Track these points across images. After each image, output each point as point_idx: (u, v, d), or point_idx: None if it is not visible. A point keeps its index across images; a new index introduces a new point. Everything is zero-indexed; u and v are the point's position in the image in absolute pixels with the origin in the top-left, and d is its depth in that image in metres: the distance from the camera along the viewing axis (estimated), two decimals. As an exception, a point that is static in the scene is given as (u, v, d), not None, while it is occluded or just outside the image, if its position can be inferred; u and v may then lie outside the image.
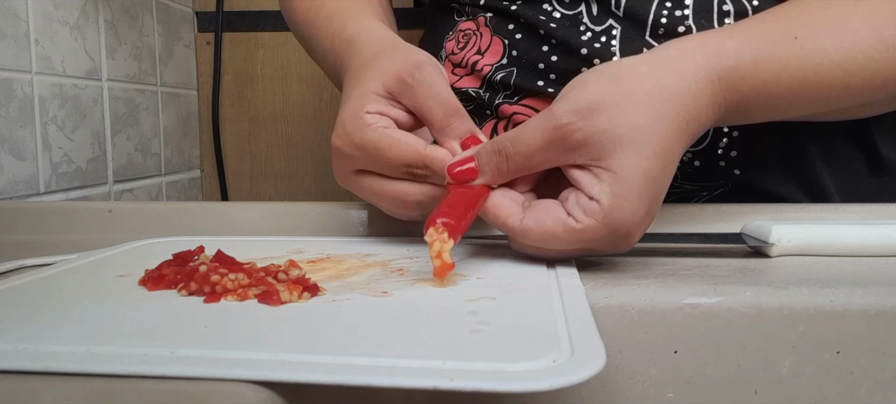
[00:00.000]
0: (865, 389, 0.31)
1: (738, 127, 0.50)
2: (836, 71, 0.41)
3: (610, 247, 0.36)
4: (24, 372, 0.23)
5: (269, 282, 0.31)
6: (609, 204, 0.34)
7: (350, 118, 0.41)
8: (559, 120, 0.35)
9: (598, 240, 0.35)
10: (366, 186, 0.42)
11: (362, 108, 0.41)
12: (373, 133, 0.40)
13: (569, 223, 0.35)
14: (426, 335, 0.26)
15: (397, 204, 0.41)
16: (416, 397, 0.26)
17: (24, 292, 0.33)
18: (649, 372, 0.32)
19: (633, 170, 0.34)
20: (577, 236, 0.35)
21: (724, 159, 0.51)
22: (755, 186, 0.52)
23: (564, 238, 0.35)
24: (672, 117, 0.36)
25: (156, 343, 0.25)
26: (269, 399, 0.22)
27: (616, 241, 0.35)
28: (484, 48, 0.55)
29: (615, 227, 0.34)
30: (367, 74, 0.43)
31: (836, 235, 0.40)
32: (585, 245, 0.35)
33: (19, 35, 0.64)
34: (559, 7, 0.52)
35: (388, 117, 0.41)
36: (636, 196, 0.34)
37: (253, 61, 1.01)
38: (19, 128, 0.64)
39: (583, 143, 0.34)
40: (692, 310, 0.31)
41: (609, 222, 0.34)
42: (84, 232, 0.51)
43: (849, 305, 0.31)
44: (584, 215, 0.34)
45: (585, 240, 0.35)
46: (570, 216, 0.35)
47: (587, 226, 0.34)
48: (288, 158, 1.03)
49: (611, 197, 0.34)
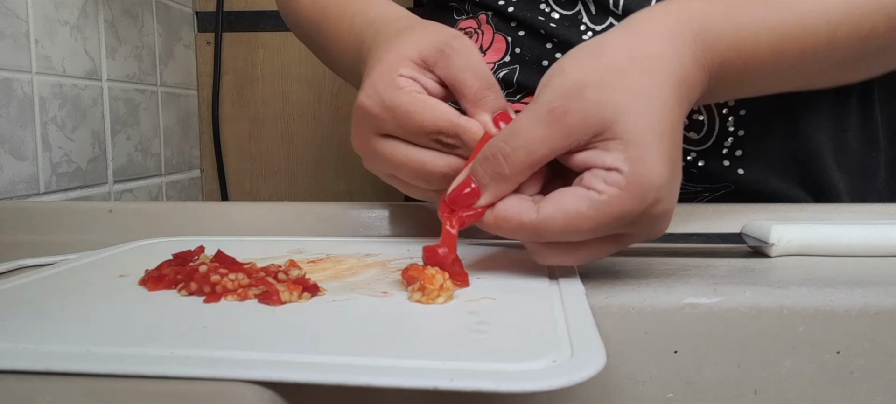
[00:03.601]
0: (865, 389, 0.31)
1: (744, 125, 0.50)
2: (819, 22, 0.39)
3: (645, 226, 0.33)
4: (24, 372, 0.23)
5: (269, 282, 0.31)
6: (630, 168, 0.31)
7: (382, 78, 0.39)
8: (550, 104, 0.32)
9: (629, 213, 0.31)
10: (388, 152, 0.39)
11: (396, 70, 0.39)
12: (405, 95, 0.38)
13: (592, 196, 0.31)
14: (426, 335, 0.26)
15: (420, 175, 0.39)
16: (416, 397, 0.26)
17: (24, 292, 0.33)
18: (649, 372, 0.32)
19: (642, 130, 0.32)
20: (606, 211, 0.31)
21: (729, 158, 0.51)
22: (758, 189, 0.52)
23: (591, 216, 0.31)
24: (664, 78, 0.34)
25: (156, 343, 0.25)
26: (269, 399, 0.22)
27: (650, 215, 0.32)
28: (486, 46, 0.55)
29: (643, 193, 0.31)
30: (401, 41, 0.41)
31: (836, 235, 0.40)
32: (617, 224, 0.32)
33: (19, 35, 0.64)
34: (556, 7, 0.52)
35: (419, 84, 0.39)
36: (655, 155, 0.32)
37: (253, 61, 1.01)
38: (19, 128, 0.64)
39: (581, 122, 0.32)
40: (692, 310, 0.31)
41: (635, 188, 0.31)
42: (84, 232, 0.51)
43: (849, 305, 0.31)
44: (607, 184, 0.31)
45: (615, 216, 0.31)
46: (590, 189, 0.32)
47: (613, 196, 0.31)
48: (288, 158, 1.03)
49: (629, 161, 0.31)
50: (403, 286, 0.33)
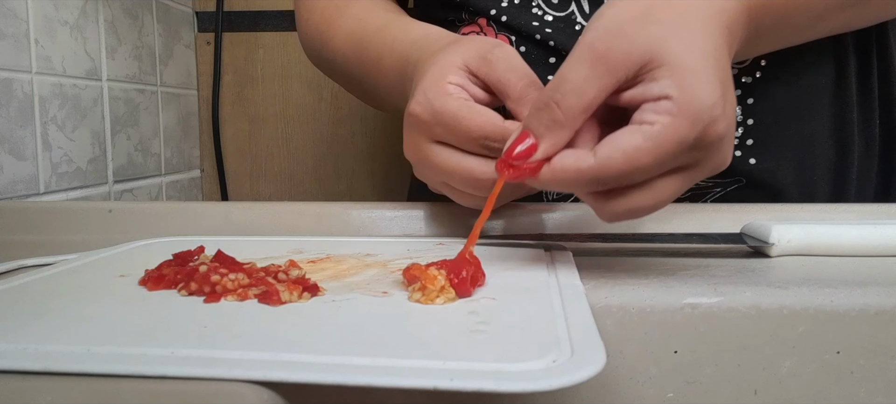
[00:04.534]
0: (865, 389, 0.31)
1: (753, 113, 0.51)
2: None
3: (707, 152, 0.32)
4: (24, 372, 0.23)
5: (269, 282, 0.31)
6: (679, 93, 0.31)
7: (431, 85, 0.40)
8: (592, 43, 0.32)
9: (686, 138, 0.31)
10: (439, 159, 0.40)
11: (445, 78, 0.40)
12: (454, 102, 0.39)
13: (645, 129, 0.31)
14: (426, 335, 0.26)
15: (470, 182, 0.39)
16: (416, 397, 0.26)
17: (24, 292, 0.33)
18: (649, 372, 0.32)
19: (687, 54, 0.31)
20: (663, 140, 0.31)
21: (741, 147, 0.51)
22: (770, 181, 0.52)
23: (649, 148, 0.31)
24: (708, 14, 0.33)
25: (156, 343, 0.25)
26: (269, 399, 0.22)
27: (709, 139, 0.31)
28: None
29: (696, 114, 0.31)
30: (447, 53, 0.42)
31: (836, 235, 0.40)
32: (677, 153, 0.31)
33: (19, 35, 0.64)
34: (549, 9, 0.52)
35: (466, 92, 0.40)
36: (703, 75, 0.31)
37: (253, 61, 1.01)
38: (19, 128, 0.64)
39: (625, 56, 0.32)
40: (692, 310, 0.31)
41: (687, 110, 0.31)
42: (84, 232, 0.51)
43: (849, 305, 0.31)
44: (658, 113, 0.31)
45: (674, 144, 0.31)
46: (643, 124, 0.31)
47: (666, 124, 0.31)
48: (288, 158, 1.03)
49: (677, 86, 0.31)
50: (404, 286, 0.33)
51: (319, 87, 1.01)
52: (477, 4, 0.55)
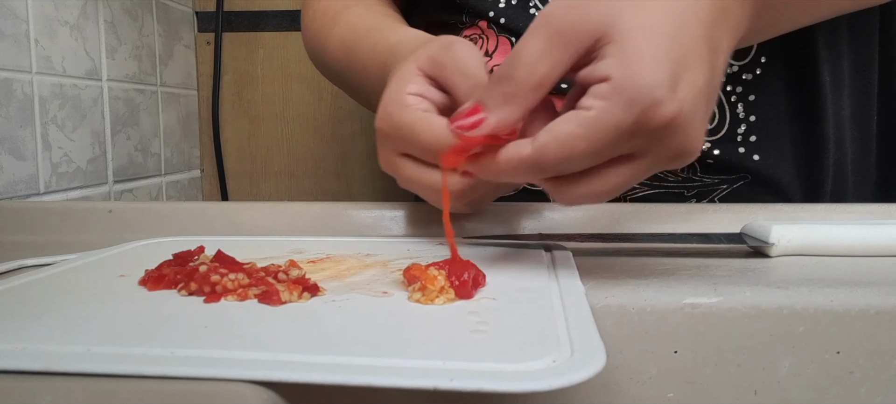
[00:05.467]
0: (865, 389, 0.31)
1: (755, 110, 0.50)
2: None
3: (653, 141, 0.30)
4: (24, 372, 0.23)
5: (269, 282, 0.31)
6: (618, 72, 0.29)
7: (391, 97, 0.39)
8: (549, 15, 0.30)
9: (622, 124, 0.29)
10: (406, 173, 0.39)
11: (403, 89, 0.39)
12: (411, 114, 0.38)
13: (580, 115, 0.29)
14: (426, 335, 0.26)
15: (435, 196, 0.39)
16: (416, 397, 0.26)
17: (24, 292, 0.33)
18: (649, 372, 0.32)
19: (638, 30, 0.29)
20: (596, 127, 0.29)
21: (744, 145, 0.51)
22: (774, 178, 0.52)
23: (583, 135, 0.29)
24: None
25: (156, 343, 0.25)
26: (269, 399, 0.22)
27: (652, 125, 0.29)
28: (492, 49, 0.55)
29: (632, 97, 0.29)
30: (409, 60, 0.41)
31: (836, 235, 0.40)
32: (615, 140, 0.29)
33: (19, 35, 0.64)
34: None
35: (428, 101, 0.39)
36: (648, 53, 0.29)
37: (253, 61, 1.01)
38: (19, 128, 0.64)
39: (579, 28, 0.30)
40: (692, 310, 0.31)
41: (622, 93, 0.29)
42: (84, 232, 0.51)
43: (849, 305, 0.31)
44: (596, 98, 0.29)
45: (609, 131, 0.29)
46: (580, 108, 0.30)
47: (600, 109, 0.29)
48: (288, 158, 1.03)
49: (619, 65, 0.29)
50: (404, 286, 0.33)
51: (319, 87, 1.01)
52: (476, 6, 0.55)
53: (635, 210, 0.48)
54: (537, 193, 0.56)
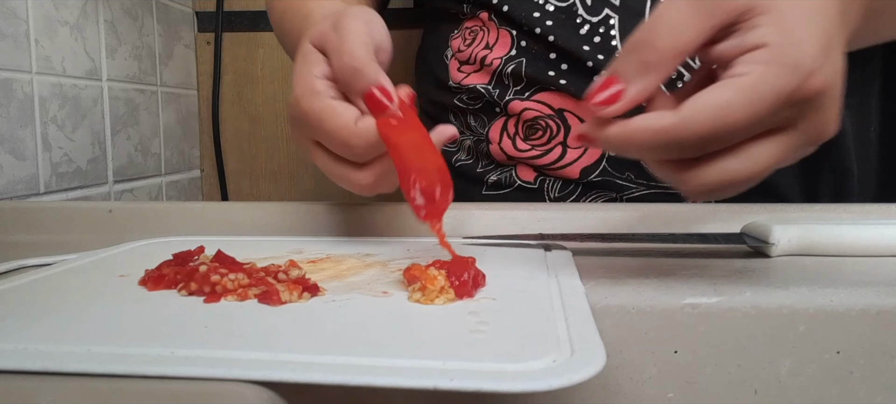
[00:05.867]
0: (865, 389, 0.31)
1: None
2: None
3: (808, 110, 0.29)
4: (24, 372, 0.23)
5: (269, 282, 0.31)
6: (778, 39, 0.28)
7: (299, 80, 0.37)
8: None
9: (783, 89, 0.27)
10: (317, 161, 0.38)
11: (311, 71, 0.37)
12: (319, 102, 0.36)
13: (736, 81, 0.28)
14: (426, 335, 0.26)
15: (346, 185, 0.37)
16: (416, 397, 0.26)
17: (24, 292, 0.33)
18: (649, 372, 0.32)
19: (787, 4, 0.28)
20: (756, 91, 0.27)
21: None
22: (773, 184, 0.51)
23: (741, 101, 0.27)
24: None
25: (156, 343, 0.25)
26: (269, 399, 0.22)
27: (810, 93, 0.28)
28: (492, 42, 0.55)
29: (795, 61, 0.27)
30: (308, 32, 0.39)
31: (836, 235, 0.40)
32: (774, 106, 0.28)
33: (19, 35, 0.64)
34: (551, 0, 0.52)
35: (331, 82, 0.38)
36: (807, 25, 0.28)
37: (253, 61, 1.01)
38: (19, 128, 0.64)
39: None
40: (692, 310, 0.31)
41: (784, 57, 0.27)
42: (84, 232, 0.51)
43: (849, 305, 0.31)
44: (752, 63, 0.28)
45: (770, 95, 0.27)
46: (734, 76, 0.28)
47: (761, 73, 0.27)
48: (288, 158, 1.03)
49: (777, 33, 0.28)
50: (404, 286, 0.33)
51: (319, 86, 1.01)
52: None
53: (635, 210, 0.48)
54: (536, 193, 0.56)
